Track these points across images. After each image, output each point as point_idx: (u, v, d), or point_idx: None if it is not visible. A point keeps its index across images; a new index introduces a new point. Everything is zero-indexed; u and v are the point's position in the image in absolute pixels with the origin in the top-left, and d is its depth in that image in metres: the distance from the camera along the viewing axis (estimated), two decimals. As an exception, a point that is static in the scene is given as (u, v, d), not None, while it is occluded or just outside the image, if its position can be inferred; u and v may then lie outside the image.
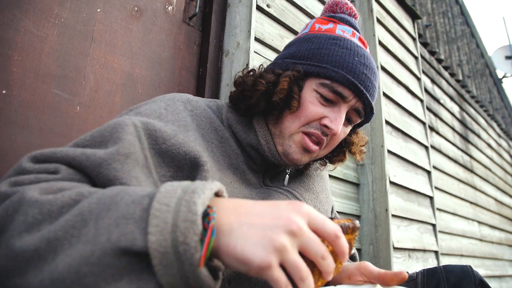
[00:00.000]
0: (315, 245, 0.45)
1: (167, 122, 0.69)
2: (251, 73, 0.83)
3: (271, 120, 0.82)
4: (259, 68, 0.85)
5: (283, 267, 0.43)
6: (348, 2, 0.91)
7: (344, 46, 0.80)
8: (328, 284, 0.70)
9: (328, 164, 0.99)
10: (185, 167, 0.66)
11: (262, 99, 0.79)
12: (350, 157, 0.96)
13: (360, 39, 0.86)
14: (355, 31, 0.86)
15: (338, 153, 0.94)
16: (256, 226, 0.44)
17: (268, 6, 1.70)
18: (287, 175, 0.90)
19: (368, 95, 0.79)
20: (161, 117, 0.70)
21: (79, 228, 0.44)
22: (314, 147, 0.79)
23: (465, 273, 0.77)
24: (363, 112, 0.82)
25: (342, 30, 0.84)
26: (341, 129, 0.81)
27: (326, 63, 0.78)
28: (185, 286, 0.43)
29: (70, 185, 0.54)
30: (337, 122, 0.77)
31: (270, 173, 0.87)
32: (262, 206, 0.47)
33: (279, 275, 0.42)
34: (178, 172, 0.65)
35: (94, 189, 0.51)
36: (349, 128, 0.85)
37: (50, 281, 0.40)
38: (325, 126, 0.77)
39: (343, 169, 1.98)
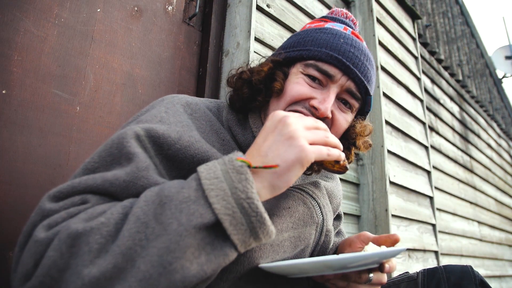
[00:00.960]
0: (318, 133, 0.59)
1: (170, 124, 0.69)
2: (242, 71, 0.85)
3: (262, 113, 0.82)
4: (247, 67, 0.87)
5: None
6: (345, 10, 0.92)
7: (328, 32, 0.79)
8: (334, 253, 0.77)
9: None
10: (195, 169, 0.66)
11: (245, 86, 0.80)
12: (355, 151, 0.90)
13: (353, 33, 0.83)
14: (347, 27, 0.85)
15: (345, 150, 0.87)
16: (275, 146, 0.56)
17: (268, 6, 1.70)
18: None
19: (357, 72, 0.75)
20: (163, 120, 0.70)
21: (143, 231, 0.48)
22: None
23: (466, 273, 0.77)
24: (357, 94, 0.77)
25: (332, 26, 0.84)
26: (337, 114, 0.77)
27: (310, 46, 0.78)
28: (255, 239, 0.51)
29: (107, 206, 0.56)
30: (325, 102, 0.73)
31: None
32: (269, 140, 0.58)
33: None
34: (189, 173, 0.65)
35: (132, 199, 0.55)
36: (350, 115, 0.80)
37: (137, 283, 0.45)
38: (313, 107, 0.74)
39: (343, 169, 1.98)
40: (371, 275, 0.68)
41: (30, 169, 1.06)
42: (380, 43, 2.39)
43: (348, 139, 0.85)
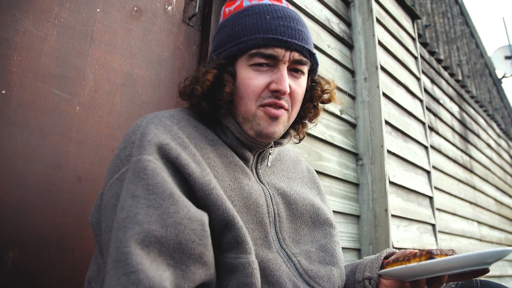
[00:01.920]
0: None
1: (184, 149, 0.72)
2: (190, 82, 0.84)
3: (232, 112, 0.83)
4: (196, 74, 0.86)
5: None
6: None
7: (252, 13, 0.80)
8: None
9: (309, 124, 0.98)
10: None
11: (202, 101, 0.80)
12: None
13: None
14: None
15: (308, 108, 0.92)
16: None
17: (267, 6, 1.70)
18: (270, 155, 0.92)
19: (295, 41, 0.78)
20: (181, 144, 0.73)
21: None
22: (278, 111, 0.80)
23: None
24: (303, 58, 0.81)
25: (249, 1, 0.84)
26: (293, 85, 0.81)
27: (243, 36, 0.78)
28: None
29: None
30: (281, 81, 0.77)
31: (261, 157, 0.89)
32: None
33: None
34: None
35: None
36: (303, 79, 0.84)
37: None
38: (274, 90, 0.78)
39: (342, 169, 1.98)
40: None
41: (30, 169, 1.06)
42: (380, 43, 2.40)
43: (313, 100, 0.91)
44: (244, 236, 0.70)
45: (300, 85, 0.83)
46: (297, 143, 1.00)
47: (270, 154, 0.92)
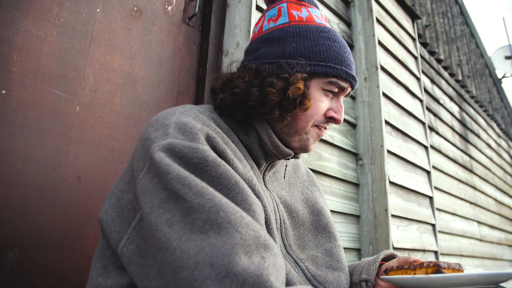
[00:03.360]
0: None
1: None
2: (241, 78, 0.80)
3: (279, 121, 0.82)
4: (240, 70, 0.82)
5: None
6: None
7: (333, 39, 0.84)
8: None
9: None
10: None
11: (276, 107, 0.78)
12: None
13: (325, 18, 0.91)
14: (321, 12, 0.91)
15: None
16: None
17: (267, 6, 1.70)
18: (286, 168, 0.97)
19: (357, 80, 0.87)
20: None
21: None
22: (324, 134, 0.87)
23: None
24: (351, 91, 0.89)
25: (316, 16, 0.87)
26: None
27: (330, 62, 0.81)
28: None
29: None
30: (340, 112, 0.85)
31: (270, 165, 0.91)
32: None
33: None
34: None
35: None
36: None
37: None
38: (331, 118, 0.84)
39: (342, 169, 1.98)
40: None
41: (30, 169, 1.06)
42: (380, 43, 2.40)
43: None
44: (275, 236, 0.72)
45: None
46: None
47: (286, 166, 0.97)
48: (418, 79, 2.92)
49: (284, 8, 0.86)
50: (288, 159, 0.90)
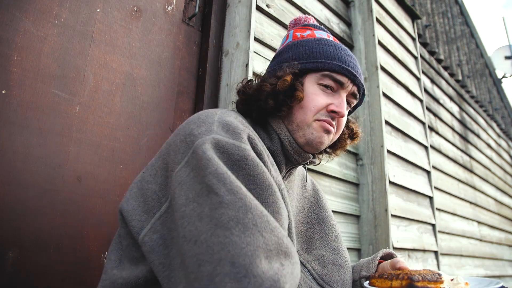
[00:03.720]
0: None
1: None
2: (250, 82, 0.92)
3: (285, 119, 0.89)
4: (255, 78, 0.94)
5: None
6: (306, 16, 1.06)
7: (329, 44, 0.92)
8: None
9: (330, 156, 1.08)
10: None
11: (270, 97, 0.85)
12: (351, 145, 1.07)
13: (334, 39, 0.98)
14: (329, 34, 0.99)
15: (342, 140, 1.03)
16: None
17: (267, 6, 1.70)
18: (306, 172, 1.03)
19: (360, 78, 0.91)
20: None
21: None
22: (331, 127, 0.88)
23: None
24: (358, 94, 0.93)
25: (320, 34, 0.96)
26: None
27: (321, 58, 0.88)
28: None
29: None
30: (341, 106, 0.87)
31: (289, 173, 0.95)
32: None
33: None
34: None
35: None
36: (349, 111, 0.96)
37: None
38: (333, 111, 0.86)
39: (343, 169, 1.98)
40: None
41: (30, 169, 1.06)
42: (380, 43, 2.40)
43: (352, 134, 1.05)
44: (294, 241, 0.75)
45: (346, 115, 0.92)
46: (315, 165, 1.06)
47: (306, 170, 1.02)
48: (418, 79, 2.92)
49: (291, 32, 1.00)
50: (307, 163, 0.95)
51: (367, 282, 0.82)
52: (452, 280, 0.72)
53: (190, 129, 0.71)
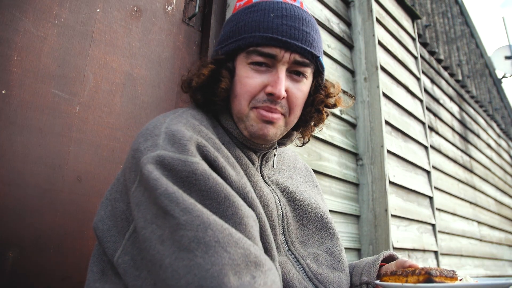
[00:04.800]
0: None
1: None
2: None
3: (230, 111, 0.82)
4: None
5: None
6: None
7: (257, 9, 0.77)
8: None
9: (316, 129, 0.94)
10: None
11: (197, 92, 0.79)
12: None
13: None
14: None
15: (310, 113, 0.87)
16: None
17: (267, 6, 1.70)
18: (275, 156, 0.90)
19: (296, 42, 0.75)
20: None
21: None
22: (272, 115, 0.76)
23: None
24: (305, 60, 0.77)
25: None
26: (292, 88, 0.78)
27: (244, 33, 0.76)
28: None
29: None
30: (277, 84, 0.74)
31: (265, 159, 0.88)
32: None
33: None
34: None
35: None
36: (304, 82, 0.80)
37: None
38: (269, 93, 0.75)
39: (342, 169, 1.98)
40: None
41: (30, 169, 1.06)
42: (380, 43, 2.40)
43: (314, 104, 0.86)
44: (271, 242, 0.70)
45: (300, 88, 0.79)
46: (300, 146, 0.98)
47: (275, 155, 0.90)
48: (418, 79, 2.92)
49: (233, 3, 0.88)
50: (276, 147, 0.87)
51: (378, 281, 0.81)
52: (461, 280, 0.72)
53: (138, 144, 0.67)
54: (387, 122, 2.29)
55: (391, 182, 2.17)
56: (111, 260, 0.66)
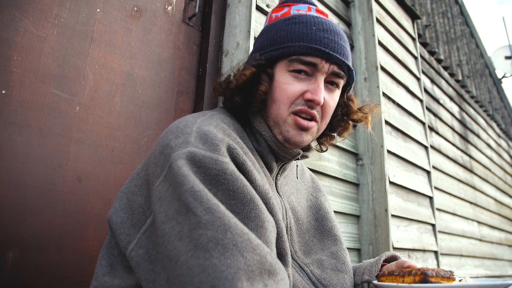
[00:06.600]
0: None
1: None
2: (228, 78, 0.86)
3: (264, 115, 0.84)
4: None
5: None
6: None
7: (299, 21, 0.82)
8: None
9: (338, 138, 0.99)
10: None
11: (236, 94, 0.81)
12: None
13: (317, 11, 0.88)
14: (311, 6, 0.88)
15: (339, 122, 0.93)
16: None
17: (267, 6, 1.70)
18: (297, 167, 0.95)
19: (337, 55, 0.80)
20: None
21: None
22: (308, 124, 0.80)
23: None
24: (341, 72, 0.82)
25: (297, 10, 0.87)
26: (327, 97, 0.82)
27: (287, 42, 0.80)
28: None
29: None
30: (317, 91, 0.79)
31: (282, 168, 0.90)
32: None
33: None
34: None
35: None
36: (337, 93, 0.86)
37: None
38: (308, 100, 0.79)
39: (342, 169, 1.98)
40: None
41: (30, 169, 1.06)
42: (380, 43, 2.40)
43: (348, 115, 0.93)
44: (287, 249, 0.71)
45: (333, 98, 0.84)
46: (320, 152, 1.00)
47: (297, 166, 0.94)
48: (418, 79, 2.92)
49: (268, 15, 0.92)
50: (298, 159, 0.89)
51: (375, 281, 0.82)
52: (460, 280, 0.72)
53: (168, 140, 0.68)
54: (387, 122, 2.29)
55: (391, 182, 2.17)
56: (123, 252, 0.67)
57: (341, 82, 0.85)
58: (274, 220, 0.69)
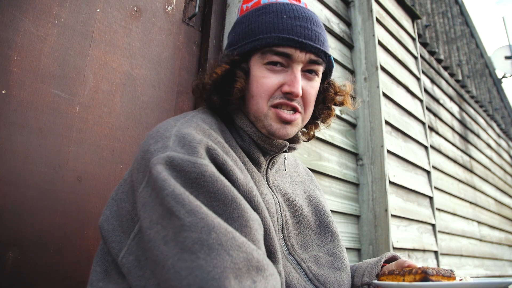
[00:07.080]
0: None
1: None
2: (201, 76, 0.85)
3: (245, 111, 0.83)
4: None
5: None
6: None
7: (269, 11, 0.79)
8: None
9: (322, 125, 0.98)
10: None
11: (213, 94, 0.80)
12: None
13: None
14: None
15: (322, 109, 0.92)
16: None
17: (267, 6, 1.70)
18: (285, 160, 0.93)
19: (311, 43, 0.78)
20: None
21: None
22: (291, 116, 0.79)
23: None
24: (319, 59, 0.80)
25: None
26: (306, 87, 0.80)
27: (259, 34, 0.78)
28: None
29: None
30: (294, 83, 0.77)
31: (271, 162, 0.88)
32: None
33: None
34: None
35: None
36: (317, 80, 0.84)
37: None
38: (286, 92, 0.77)
39: (342, 169, 1.98)
40: None
41: (30, 169, 1.06)
42: (380, 43, 2.39)
43: (326, 101, 0.91)
44: (276, 245, 0.71)
45: (313, 86, 0.82)
46: (306, 142, 0.99)
47: (285, 158, 0.92)
48: (418, 79, 2.92)
49: (239, 6, 0.89)
50: (285, 151, 0.88)
51: (376, 280, 0.81)
52: (461, 280, 0.72)
53: (148, 145, 0.68)
54: (387, 122, 2.29)
55: (391, 182, 2.17)
56: (115, 259, 0.67)
57: (320, 69, 0.83)
58: (260, 217, 0.69)
